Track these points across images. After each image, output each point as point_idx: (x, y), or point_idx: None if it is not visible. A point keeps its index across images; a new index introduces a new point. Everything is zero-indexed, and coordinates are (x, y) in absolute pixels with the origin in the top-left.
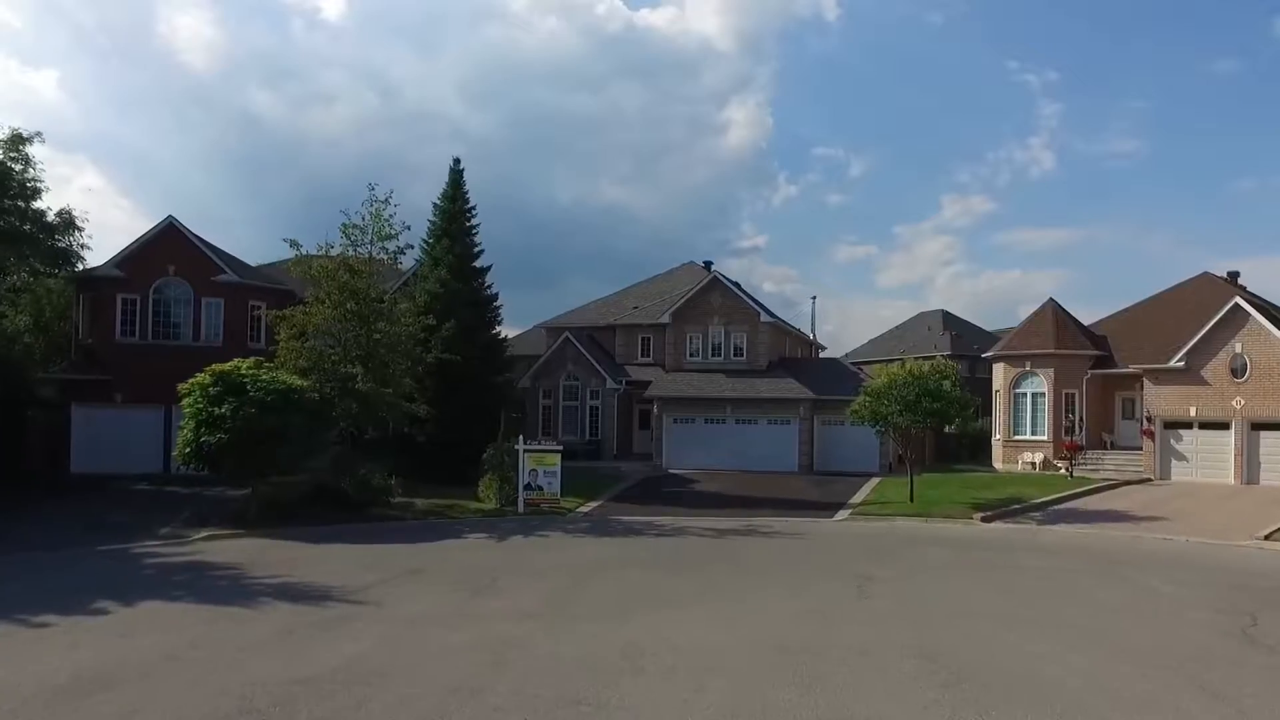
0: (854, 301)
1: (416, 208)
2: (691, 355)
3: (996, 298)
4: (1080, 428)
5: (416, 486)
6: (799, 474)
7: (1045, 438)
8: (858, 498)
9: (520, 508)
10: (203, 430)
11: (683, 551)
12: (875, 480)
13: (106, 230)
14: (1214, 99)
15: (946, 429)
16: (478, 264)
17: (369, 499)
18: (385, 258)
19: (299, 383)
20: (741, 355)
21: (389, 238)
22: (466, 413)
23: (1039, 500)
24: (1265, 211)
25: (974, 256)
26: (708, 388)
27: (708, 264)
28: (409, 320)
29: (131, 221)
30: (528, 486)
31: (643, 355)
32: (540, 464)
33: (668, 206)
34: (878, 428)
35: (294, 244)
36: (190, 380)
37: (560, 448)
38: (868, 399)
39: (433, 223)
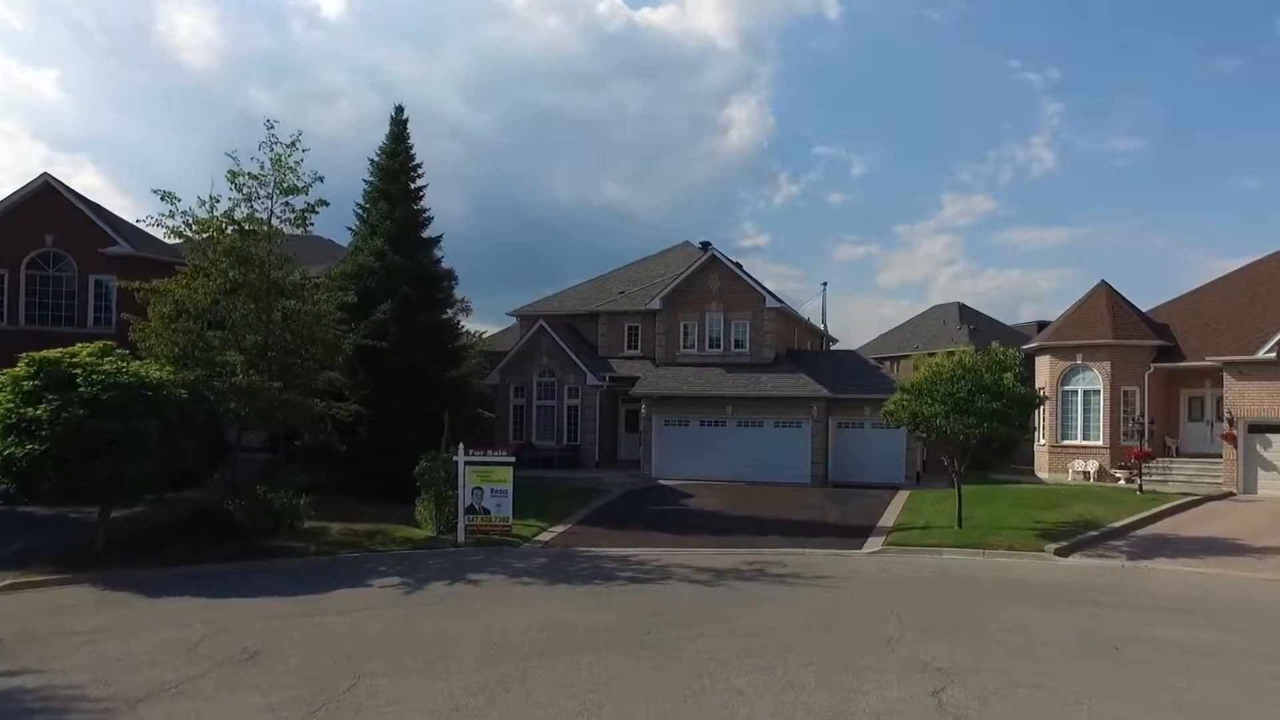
0: (854, 301)
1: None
2: (686, 347)
3: (998, 297)
4: (1149, 431)
5: (344, 506)
6: (812, 486)
7: (1100, 443)
8: (888, 519)
9: (460, 536)
10: (11, 439)
11: (665, 613)
12: (903, 495)
13: None
14: (1216, 97)
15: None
16: (425, 234)
17: (269, 525)
18: (291, 216)
19: (159, 375)
20: (743, 346)
21: (294, 191)
22: (409, 414)
23: (1115, 524)
24: (1268, 210)
25: (975, 255)
26: (704, 384)
27: (705, 244)
28: (325, 297)
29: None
30: (470, 509)
31: (629, 347)
32: (486, 480)
33: (669, 206)
34: (918, 433)
35: (167, 196)
36: (4, 371)
37: (512, 459)
38: (906, 397)
39: (368, 183)
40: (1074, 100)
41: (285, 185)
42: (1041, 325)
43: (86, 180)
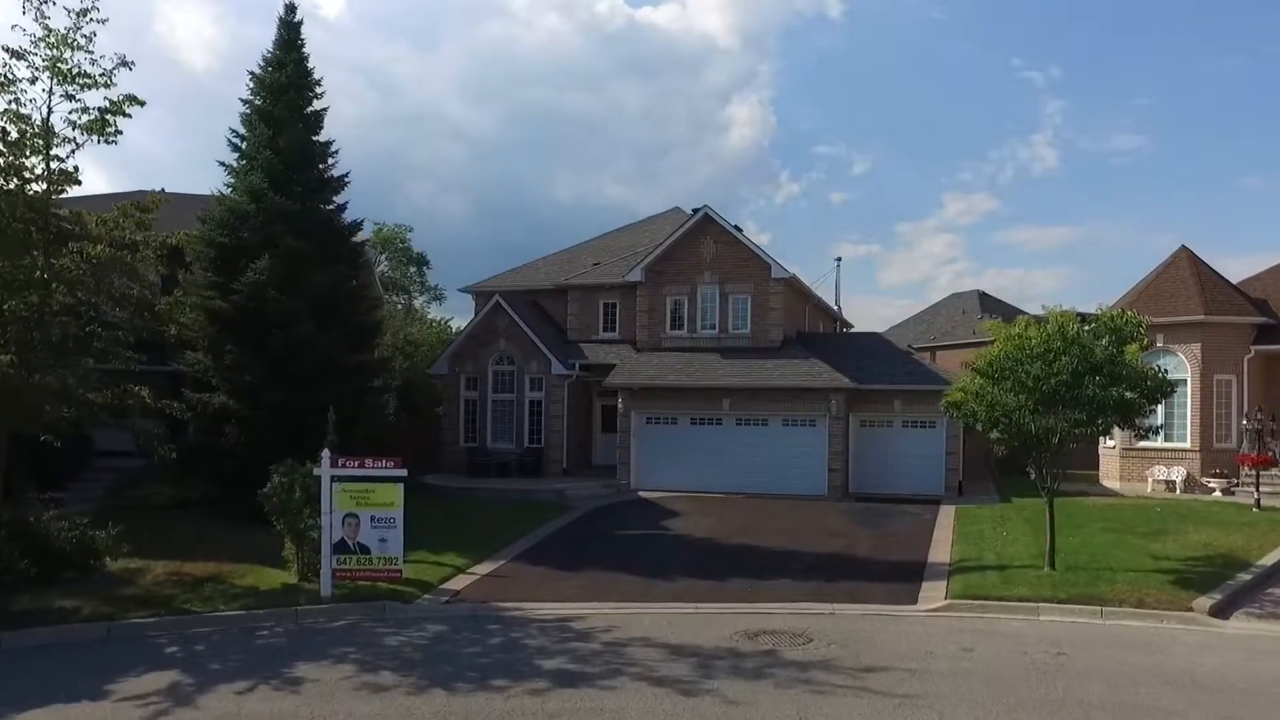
0: (855, 301)
1: (416, 209)
2: (674, 327)
3: (1000, 296)
4: (1272, 430)
5: (205, 531)
6: (830, 499)
7: (1187, 445)
8: (940, 551)
9: (325, 588)
10: None
11: None
12: (947, 512)
13: None
14: (1218, 96)
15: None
16: (329, 172)
17: (42, 571)
18: (85, 120)
19: None
20: (744, 327)
21: (85, 82)
22: (298, 408)
23: (1264, 561)
24: (1270, 209)
25: (977, 255)
26: (696, 373)
27: (698, 211)
28: (141, 239)
29: None
30: (340, 546)
31: (606, 328)
32: (364, 503)
33: (670, 205)
34: (998, 434)
35: None
36: None
37: (402, 472)
38: (979, 381)
39: (247, 102)
40: (1076, 99)
41: (68, 71)
42: None
43: (86, 180)
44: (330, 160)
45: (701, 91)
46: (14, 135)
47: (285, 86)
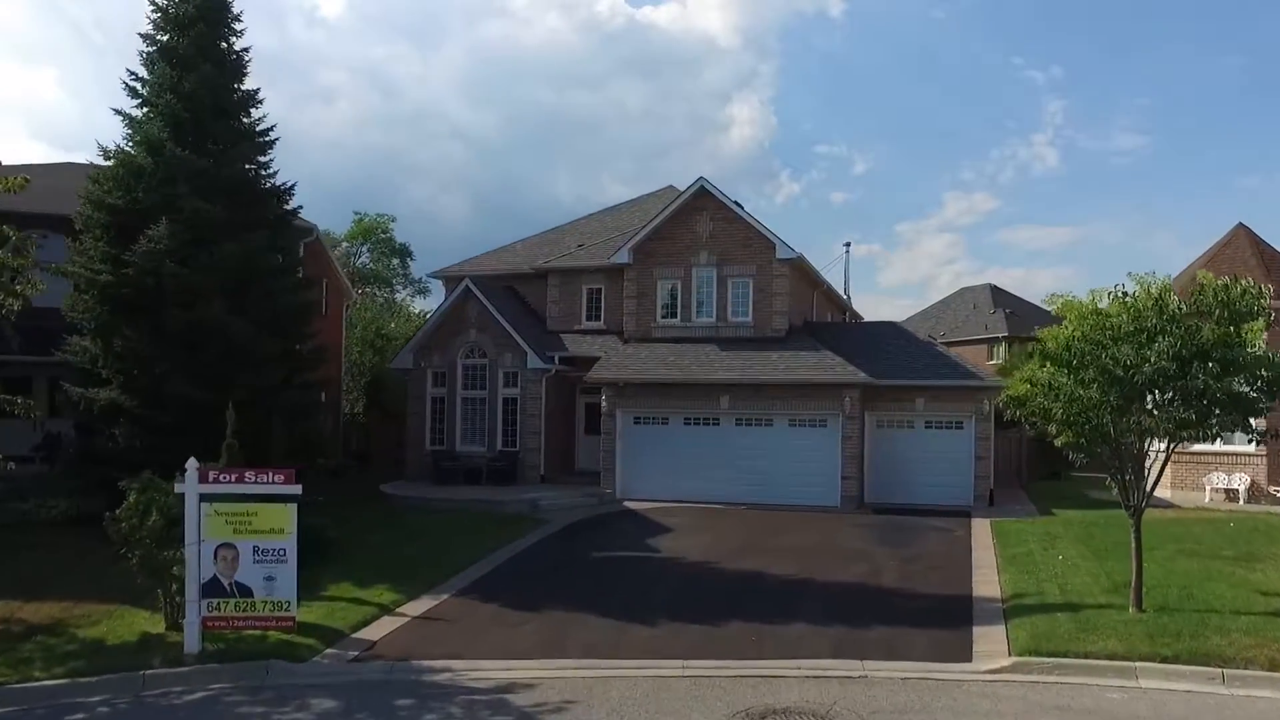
0: (855, 300)
1: (416, 210)
2: (665, 315)
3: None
4: None
5: (86, 556)
6: (844, 511)
7: (1250, 448)
8: (987, 581)
9: (192, 643)
10: None
11: None
12: (982, 527)
13: None
14: (1218, 95)
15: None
16: (257, 124)
17: None
18: None
19: None
20: (745, 314)
21: None
22: (204, 404)
23: None
24: (1271, 208)
25: (977, 254)
26: (690, 366)
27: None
28: None
29: None
30: (211, 587)
31: (590, 317)
32: (245, 530)
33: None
34: (1066, 438)
35: None
36: None
37: (295, 489)
38: (1050, 370)
39: (148, 38)
40: (1077, 98)
41: None
42: None
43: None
44: (254, 112)
45: (702, 91)
46: None
47: (194, 19)
